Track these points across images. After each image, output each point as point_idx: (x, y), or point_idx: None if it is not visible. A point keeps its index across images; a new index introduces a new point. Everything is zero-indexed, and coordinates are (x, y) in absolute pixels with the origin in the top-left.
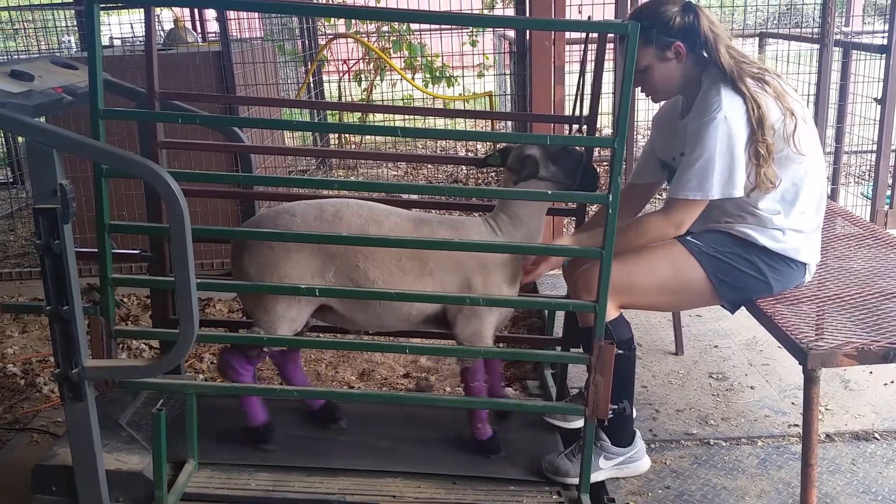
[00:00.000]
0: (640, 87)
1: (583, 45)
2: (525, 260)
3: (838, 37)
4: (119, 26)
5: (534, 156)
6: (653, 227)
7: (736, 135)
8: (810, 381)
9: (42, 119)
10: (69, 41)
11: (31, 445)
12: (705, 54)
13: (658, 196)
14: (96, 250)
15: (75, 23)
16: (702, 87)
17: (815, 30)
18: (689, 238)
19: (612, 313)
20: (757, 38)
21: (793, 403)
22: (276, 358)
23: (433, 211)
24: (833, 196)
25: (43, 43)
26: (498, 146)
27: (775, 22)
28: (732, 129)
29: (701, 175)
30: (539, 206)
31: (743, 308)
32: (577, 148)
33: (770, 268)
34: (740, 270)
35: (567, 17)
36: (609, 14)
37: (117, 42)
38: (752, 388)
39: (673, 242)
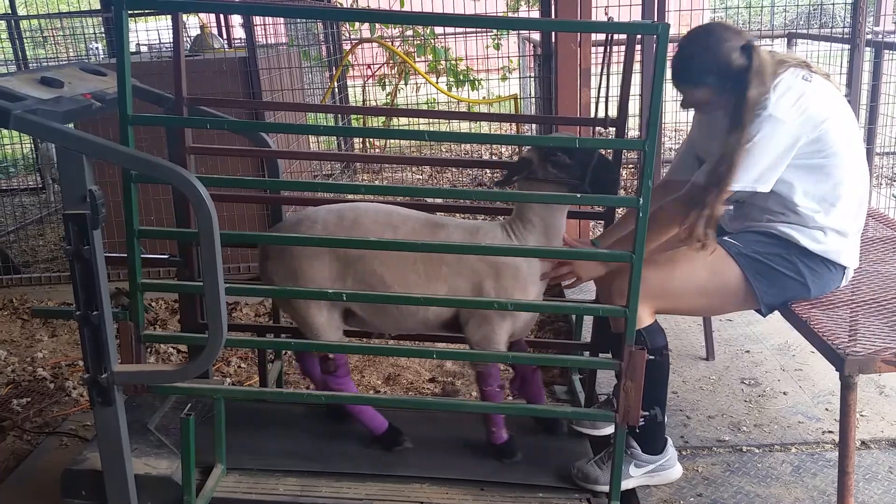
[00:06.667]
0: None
1: (605, 47)
2: (543, 266)
3: (869, 37)
4: (146, 33)
5: (528, 157)
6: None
7: (779, 132)
8: (847, 388)
9: (71, 125)
10: (97, 48)
11: (60, 449)
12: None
13: None
14: (125, 255)
15: (102, 30)
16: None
17: (845, 30)
18: (727, 239)
19: (646, 319)
20: (785, 39)
21: (826, 409)
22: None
23: (456, 214)
24: None
25: (71, 50)
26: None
27: (802, 22)
28: (777, 127)
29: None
30: (550, 210)
31: (775, 312)
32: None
33: (809, 269)
34: (779, 271)
35: (594, 18)
36: (636, 15)
37: (143, 49)
38: (784, 393)
39: (710, 244)
